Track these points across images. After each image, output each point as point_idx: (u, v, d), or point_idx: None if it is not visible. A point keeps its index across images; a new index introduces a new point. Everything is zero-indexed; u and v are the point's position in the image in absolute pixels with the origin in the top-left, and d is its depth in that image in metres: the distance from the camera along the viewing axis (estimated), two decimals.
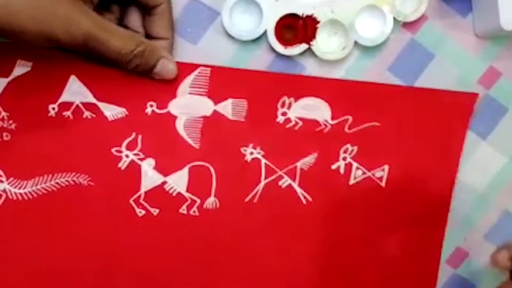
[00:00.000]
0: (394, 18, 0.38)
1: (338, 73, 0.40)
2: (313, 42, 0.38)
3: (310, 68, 0.40)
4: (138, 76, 0.37)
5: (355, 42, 0.38)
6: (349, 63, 0.40)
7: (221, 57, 0.39)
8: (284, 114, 0.39)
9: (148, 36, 0.37)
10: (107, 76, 0.38)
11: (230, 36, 0.38)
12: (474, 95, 0.40)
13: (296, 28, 0.38)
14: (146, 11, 0.36)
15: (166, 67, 0.37)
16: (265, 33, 0.38)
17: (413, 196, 0.40)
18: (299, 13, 0.38)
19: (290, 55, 0.39)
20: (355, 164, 0.40)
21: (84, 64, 0.37)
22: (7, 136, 0.38)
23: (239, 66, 0.39)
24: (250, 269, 0.40)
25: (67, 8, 0.32)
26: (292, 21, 0.38)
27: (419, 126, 0.40)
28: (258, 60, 0.39)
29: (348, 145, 0.40)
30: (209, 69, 0.38)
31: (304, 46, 0.38)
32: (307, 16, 0.38)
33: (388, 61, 0.40)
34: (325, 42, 0.39)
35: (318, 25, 0.38)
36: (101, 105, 0.38)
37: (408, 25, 0.40)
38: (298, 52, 0.38)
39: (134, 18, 0.37)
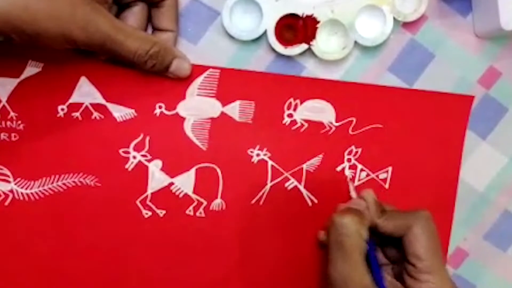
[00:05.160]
0: (394, 18, 0.38)
1: (338, 73, 0.40)
2: (313, 42, 0.38)
3: (310, 68, 0.40)
4: (147, 78, 0.38)
5: (355, 42, 0.38)
6: (349, 63, 0.40)
7: (221, 57, 0.39)
8: (290, 116, 0.39)
9: (154, 28, 0.38)
10: (117, 77, 0.38)
11: (230, 36, 0.38)
12: (471, 98, 0.40)
13: (296, 28, 0.38)
14: (154, 4, 0.37)
15: (180, 66, 0.37)
16: (265, 33, 0.38)
17: (416, 197, 0.40)
18: (299, 13, 0.38)
19: (290, 55, 0.39)
20: (359, 166, 0.40)
21: (94, 65, 0.38)
22: (15, 136, 0.38)
23: (239, 66, 0.39)
24: (255, 270, 0.40)
25: (85, 9, 0.32)
26: (292, 21, 0.38)
27: (420, 128, 0.40)
28: (258, 60, 0.39)
29: (353, 147, 0.40)
30: (218, 71, 0.39)
31: (304, 46, 0.38)
32: (307, 16, 0.38)
33: (388, 61, 0.40)
34: (325, 42, 0.39)
35: (318, 25, 0.38)
36: (110, 106, 0.38)
37: (408, 25, 0.40)
38: (298, 52, 0.38)
39: (134, 16, 0.37)
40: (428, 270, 0.33)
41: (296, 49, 0.38)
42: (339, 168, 0.40)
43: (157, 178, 0.39)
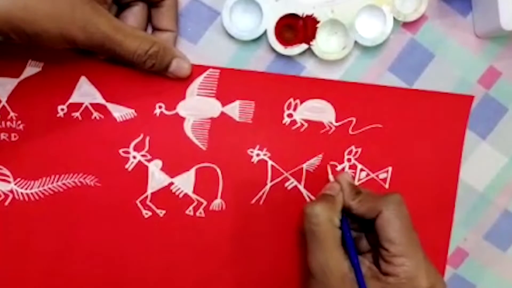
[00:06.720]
0: (394, 18, 0.38)
1: (338, 73, 0.40)
2: (313, 42, 0.38)
3: (310, 68, 0.40)
4: (147, 78, 0.38)
5: (355, 42, 0.38)
6: (349, 63, 0.40)
7: (221, 57, 0.39)
8: (290, 116, 0.39)
9: (154, 28, 0.38)
10: (117, 77, 0.38)
11: (230, 36, 0.38)
12: (470, 97, 0.40)
13: (296, 28, 0.38)
14: (154, 4, 0.37)
15: (180, 66, 0.37)
16: (265, 33, 0.38)
17: (416, 197, 0.40)
18: (299, 13, 0.38)
19: (290, 55, 0.39)
20: (359, 166, 0.40)
21: (94, 65, 0.38)
22: (15, 136, 0.38)
23: (239, 66, 0.39)
24: (255, 270, 0.40)
25: (84, 9, 0.32)
26: (292, 21, 0.38)
27: (420, 128, 0.40)
28: (258, 60, 0.39)
29: (353, 147, 0.40)
30: (218, 71, 0.39)
31: (304, 46, 0.38)
32: (307, 16, 0.38)
33: (388, 61, 0.40)
34: (325, 42, 0.39)
35: (318, 25, 0.38)
36: (110, 106, 0.38)
37: (408, 25, 0.40)
38: (298, 52, 0.38)
39: (134, 16, 0.37)
40: (402, 254, 0.33)
41: (296, 49, 0.38)
42: (338, 168, 0.40)
43: (157, 178, 0.39)
